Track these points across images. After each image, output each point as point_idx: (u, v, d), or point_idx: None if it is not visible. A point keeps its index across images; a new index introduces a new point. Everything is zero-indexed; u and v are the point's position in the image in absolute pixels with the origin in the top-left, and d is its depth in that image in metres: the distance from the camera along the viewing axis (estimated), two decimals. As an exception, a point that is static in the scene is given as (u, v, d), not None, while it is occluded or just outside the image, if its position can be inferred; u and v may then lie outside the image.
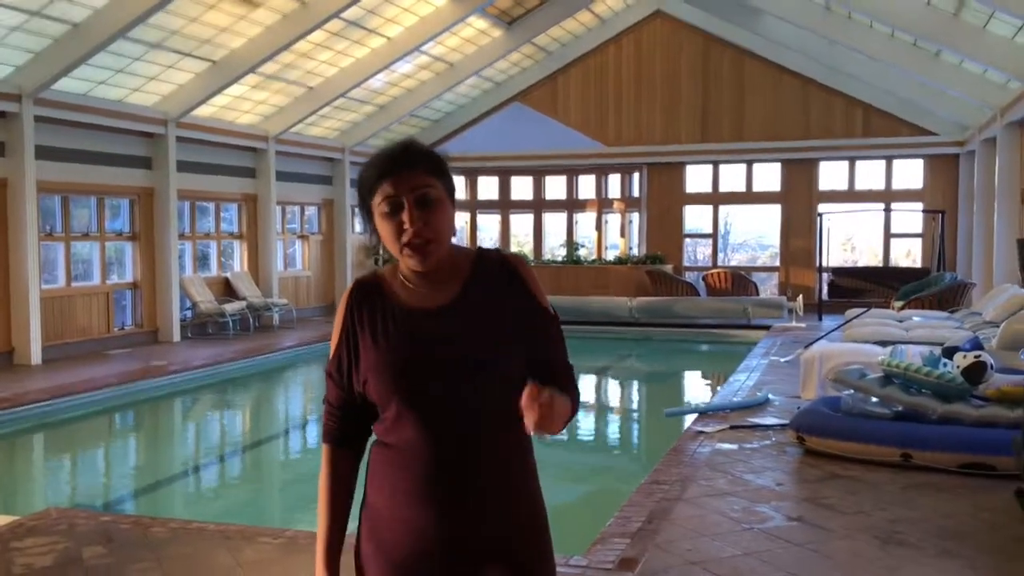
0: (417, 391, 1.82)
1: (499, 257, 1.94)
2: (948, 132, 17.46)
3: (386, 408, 1.86)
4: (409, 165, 1.84)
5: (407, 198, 1.81)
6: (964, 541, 4.62)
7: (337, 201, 18.48)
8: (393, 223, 1.83)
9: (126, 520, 5.30)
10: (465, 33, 16.64)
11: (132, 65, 12.43)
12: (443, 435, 1.82)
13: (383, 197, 1.83)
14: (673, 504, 5.27)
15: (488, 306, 1.87)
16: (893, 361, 6.39)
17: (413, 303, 1.88)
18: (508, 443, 1.87)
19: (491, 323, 1.86)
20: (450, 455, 1.82)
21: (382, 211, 1.84)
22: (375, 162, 1.87)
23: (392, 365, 1.84)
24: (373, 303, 1.90)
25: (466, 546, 1.83)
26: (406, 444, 1.83)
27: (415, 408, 1.82)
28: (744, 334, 15.02)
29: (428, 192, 1.83)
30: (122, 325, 13.51)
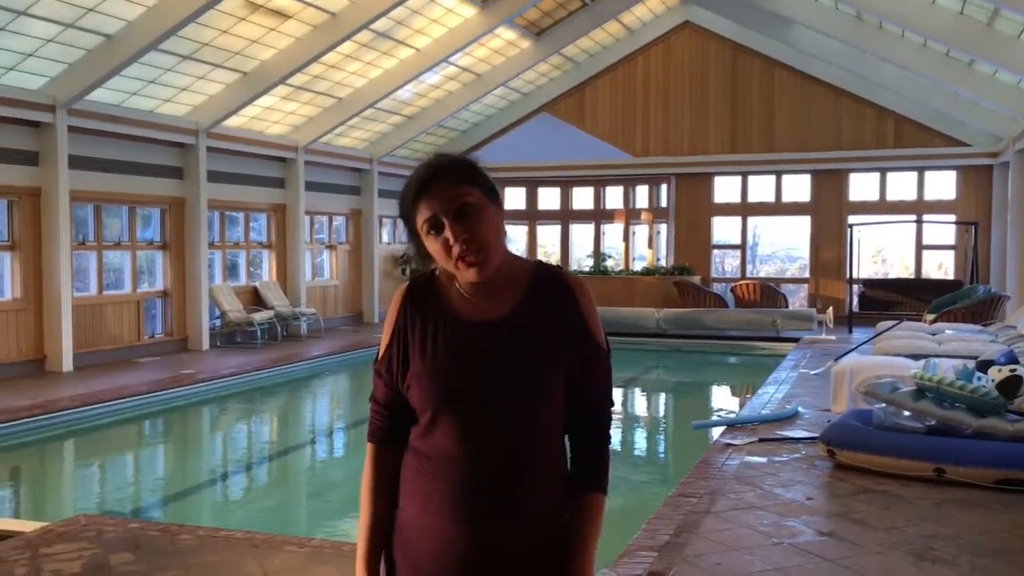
0: (460, 403, 1.81)
1: (559, 276, 1.91)
2: (981, 143, 17.24)
3: (427, 416, 1.84)
4: (439, 180, 1.81)
5: (445, 214, 1.79)
6: (999, 558, 4.52)
7: (365, 211, 18.56)
8: (439, 241, 1.80)
9: (154, 527, 5.32)
10: (493, 44, 16.69)
11: (164, 76, 12.58)
12: (482, 449, 1.80)
13: (423, 219, 1.81)
14: (701, 517, 5.22)
15: (541, 324, 1.85)
16: (926, 375, 6.30)
17: (467, 313, 1.86)
18: (545, 461, 1.86)
19: (542, 342, 1.84)
20: (487, 469, 1.80)
21: (425, 232, 1.82)
22: (409, 184, 1.85)
23: (438, 375, 1.82)
24: (426, 306, 1.88)
25: (497, 561, 1.81)
26: (443, 454, 1.81)
27: (456, 419, 1.81)
28: (773, 346, 14.89)
29: (465, 201, 1.79)
30: (152, 333, 13.63)
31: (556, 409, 1.87)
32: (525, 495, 1.82)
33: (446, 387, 1.81)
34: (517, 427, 1.82)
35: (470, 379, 1.81)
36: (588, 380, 1.89)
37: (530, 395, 1.82)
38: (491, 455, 1.80)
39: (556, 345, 1.85)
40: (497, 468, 1.80)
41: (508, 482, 1.80)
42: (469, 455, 1.80)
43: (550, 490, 1.87)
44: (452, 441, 1.80)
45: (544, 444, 1.85)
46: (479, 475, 1.80)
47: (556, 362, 1.85)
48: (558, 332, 1.86)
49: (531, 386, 1.82)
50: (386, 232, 19.78)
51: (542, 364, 1.83)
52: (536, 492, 1.84)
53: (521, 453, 1.82)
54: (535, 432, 1.83)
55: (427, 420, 1.84)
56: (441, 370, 1.82)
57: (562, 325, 1.87)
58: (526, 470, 1.82)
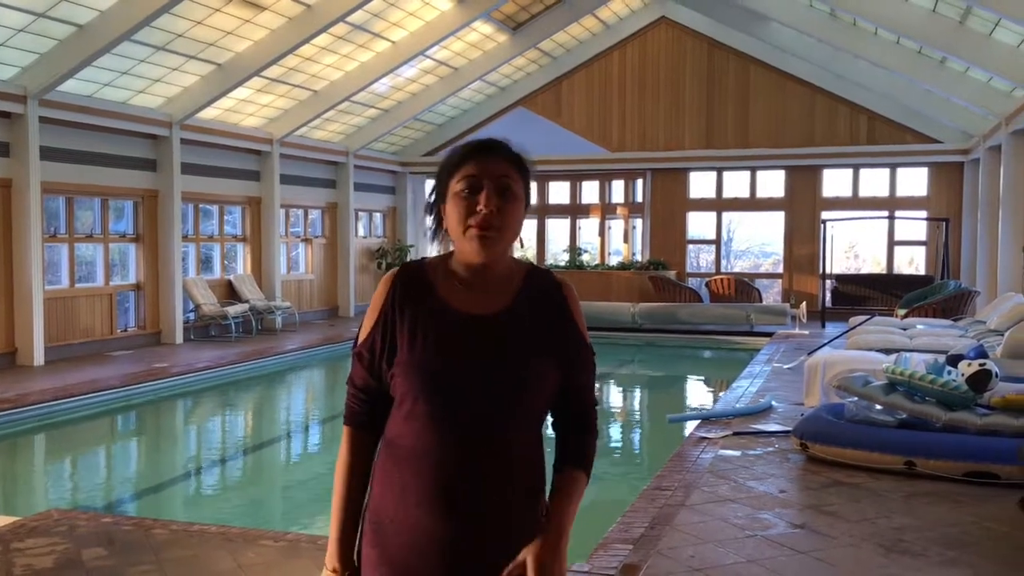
0: (446, 396, 1.81)
1: (552, 279, 1.95)
2: (953, 140, 17.44)
3: (408, 405, 1.84)
4: (498, 153, 1.85)
5: (488, 182, 1.81)
6: (968, 550, 4.59)
7: (341, 204, 18.48)
8: (467, 203, 1.81)
9: (127, 522, 5.29)
10: (470, 38, 16.66)
11: (137, 67, 12.45)
12: (465, 442, 1.81)
13: (463, 176, 1.82)
14: (676, 510, 5.26)
15: (532, 323, 1.87)
16: (897, 368, 6.37)
17: (459, 306, 1.86)
18: (526, 457, 1.87)
19: (533, 342, 1.86)
20: (468, 462, 1.81)
21: (458, 190, 1.82)
22: (462, 146, 1.88)
23: (424, 366, 1.82)
24: (417, 295, 1.88)
25: (474, 554, 1.81)
26: (424, 446, 1.81)
27: (439, 411, 1.81)
28: (747, 340, 15.01)
29: (508, 183, 1.83)
30: (125, 327, 13.52)
31: (540, 407, 1.89)
32: (505, 490, 1.83)
33: (432, 378, 1.81)
34: (501, 423, 1.82)
35: (456, 372, 1.81)
36: (577, 377, 1.93)
37: (516, 392, 1.83)
38: (472, 449, 1.80)
39: (545, 344, 1.87)
40: (478, 462, 1.81)
41: (488, 477, 1.81)
42: (450, 447, 1.80)
43: (531, 487, 1.88)
44: (434, 433, 1.81)
45: (527, 442, 1.87)
46: (459, 468, 1.80)
47: (544, 361, 1.86)
48: (548, 331, 1.88)
49: (517, 383, 1.83)
50: (362, 226, 19.71)
51: (530, 362, 1.85)
52: (516, 488, 1.85)
53: (503, 448, 1.83)
54: (518, 429, 1.85)
55: (408, 410, 1.83)
56: (428, 361, 1.82)
57: (552, 325, 1.89)
58: (508, 466, 1.83)
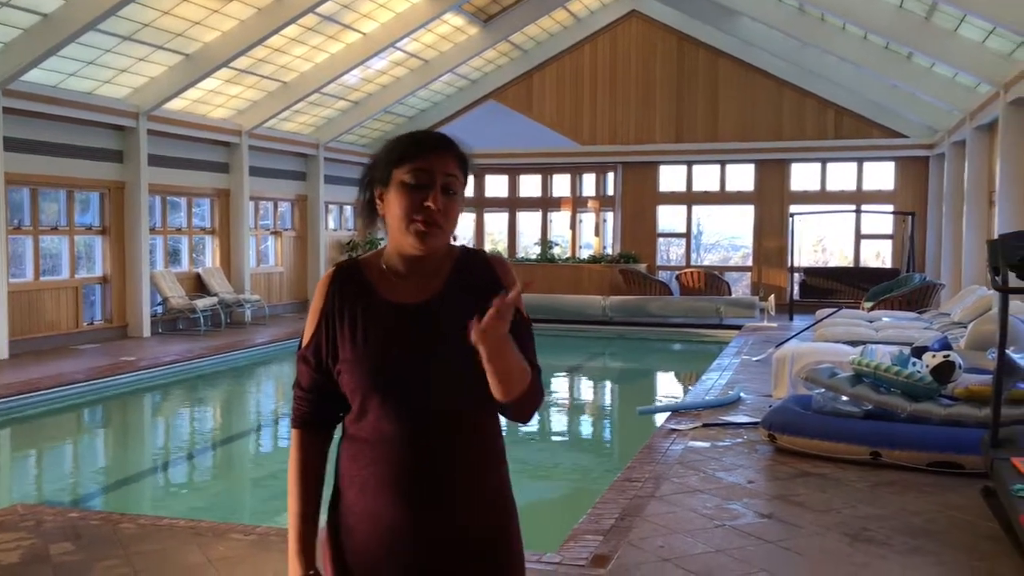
0: (393, 387, 1.81)
1: (482, 257, 1.96)
2: (918, 135, 17.67)
3: (359, 401, 1.85)
4: (448, 150, 1.85)
5: (439, 179, 1.82)
6: (932, 538, 4.67)
7: (311, 197, 18.37)
8: (415, 196, 1.81)
9: (95, 516, 5.24)
10: (441, 30, 16.60)
11: (103, 57, 12.29)
12: (417, 431, 1.81)
13: (414, 169, 1.82)
14: (646, 501, 5.30)
15: (467, 305, 1.84)
16: (863, 360, 6.46)
17: (394, 297, 1.87)
18: (481, 442, 1.88)
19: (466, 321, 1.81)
20: (423, 451, 1.81)
21: (405, 181, 1.82)
22: (415, 136, 1.87)
23: (368, 360, 1.83)
24: (354, 292, 1.89)
25: (436, 542, 1.82)
26: (379, 438, 1.82)
27: (390, 403, 1.81)
28: (716, 333, 15.12)
29: (455, 183, 1.85)
30: (91, 320, 13.36)
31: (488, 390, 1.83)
32: (461, 477, 1.83)
33: (376, 372, 1.82)
34: (448, 409, 1.83)
35: (400, 363, 1.82)
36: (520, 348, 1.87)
37: (459, 377, 1.82)
38: (425, 438, 1.81)
39: None
40: (432, 451, 1.81)
41: (443, 464, 1.82)
42: (403, 438, 1.81)
43: (487, 474, 1.89)
44: (385, 425, 1.82)
45: (479, 426, 1.87)
46: (414, 458, 1.81)
47: None
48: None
49: (459, 366, 1.81)
50: (332, 218, 19.61)
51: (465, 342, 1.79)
52: (470, 475, 1.85)
53: (455, 435, 1.83)
54: (469, 411, 1.85)
55: (359, 406, 1.84)
56: (371, 355, 1.83)
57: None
58: (461, 452, 1.84)
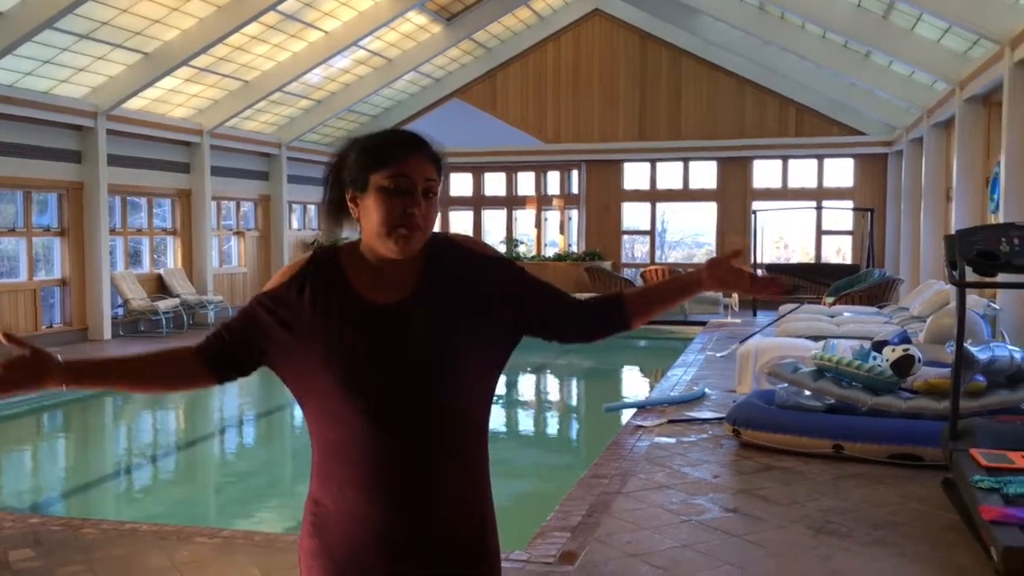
0: (368, 387, 1.77)
1: (452, 242, 1.90)
2: (877, 132, 17.92)
3: (334, 401, 1.80)
4: (426, 153, 1.82)
5: (420, 184, 1.79)
6: (893, 530, 4.75)
7: (274, 197, 18.22)
8: (396, 202, 1.76)
9: (56, 522, 5.16)
10: (404, 28, 16.54)
11: (61, 56, 12.09)
12: (395, 430, 1.78)
13: (394, 174, 1.77)
14: (613, 498, 5.32)
15: (447, 297, 1.83)
16: (825, 355, 6.54)
17: (371, 295, 1.81)
18: (463, 442, 1.84)
19: (451, 318, 1.82)
20: (402, 450, 1.78)
21: (385, 186, 1.77)
22: (391, 137, 1.82)
23: (344, 358, 1.78)
24: (330, 284, 1.83)
25: (413, 543, 1.80)
26: (356, 438, 1.79)
27: (364, 404, 1.77)
28: (681, 330, 15.23)
29: (434, 186, 1.81)
30: (50, 323, 13.15)
31: (472, 386, 1.84)
32: (439, 478, 1.80)
33: (355, 371, 1.77)
34: (426, 409, 1.79)
35: (376, 362, 1.77)
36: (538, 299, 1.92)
37: (443, 374, 1.80)
38: (401, 439, 1.78)
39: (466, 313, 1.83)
40: (408, 451, 1.78)
41: (420, 465, 1.79)
42: (380, 439, 1.77)
43: (466, 473, 1.86)
44: (365, 424, 1.77)
45: (457, 427, 1.83)
46: (395, 456, 1.78)
47: (467, 334, 1.82)
48: (465, 295, 1.84)
49: (444, 365, 1.79)
50: (296, 218, 19.46)
51: (454, 341, 1.81)
52: (450, 474, 1.82)
53: (432, 435, 1.80)
54: (452, 412, 1.81)
55: (333, 404, 1.79)
56: (348, 354, 1.77)
57: (466, 286, 1.84)
58: (438, 453, 1.80)
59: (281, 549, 4.49)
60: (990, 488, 4.51)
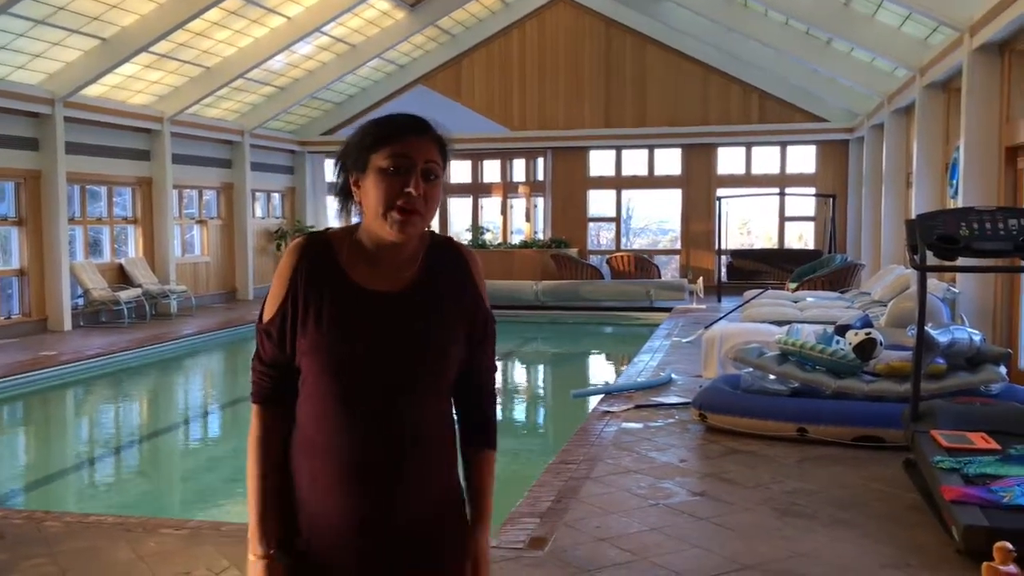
0: (352, 376, 1.77)
1: (454, 248, 1.91)
2: (838, 119, 18.10)
3: (312, 387, 1.80)
4: (427, 134, 1.80)
5: (419, 164, 1.77)
6: (857, 510, 4.82)
7: (237, 185, 18.01)
8: (394, 183, 1.75)
9: (17, 515, 5.09)
10: (367, 14, 16.40)
11: (16, 41, 11.83)
12: (373, 421, 1.78)
13: (392, 154, 1.76)
14: (581, 483, 5.35)
15: (437, 297, 1.84)
16: (789, 340, 6.61)
17: (364, 282, 1.81)
18: (435, 433, 1.86)
19: (439, 317, 1.84)
20: (378, 441, 1.78)
21: (384, 166, 1.75)
22: (393, 119, 1.81)
23: (331, 347, 1.78)
24: (323, 270, 1.81)
25: (384, 532, 1.81)
26: (332, 428, 1.78)
27: (346, 393, 1.77)
28: (647, 316, 15.32)
29: (434, 167, 1.79)
30: (8, 314, 12.92)
31: (448, 383, 1.88)
32: (416, 468, 1.81)
33: (337, 358, 1.78)
34: (409, 400, 1.80)
35: (362, 351, 1.78)
36: (479, 348, 1.92)
37: (424, 368, 1.81)
38: (381, 428, 1.78)
39: (451, 317, 1.86)
40: (388, 441, 1.79)
41: (398, 456, 1.79)
42: (360, 427, 1.78)
43: (442, 464, 1.88)
44: (345, 413, 1.78)
45: (436, 418, 1.85)
46: (369, 447, 1.78)
47: (451, 335, 1.85)
48: (453, 304, 1.86)
49: (425, 359, 1.81)
50: (260, 206, 19.27)
51: (437, 337, 1.83)
52: (427, 465, 1.84)
53: (413, 426, 1.81)
54: (427, 405, 1.83)
55: (313, 391, 1.80)
56: (333, 340, 1.78)
57: (456, 297, 1.87)
58: (417, 444, 1.81)
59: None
60: (950, 468, 4.59)
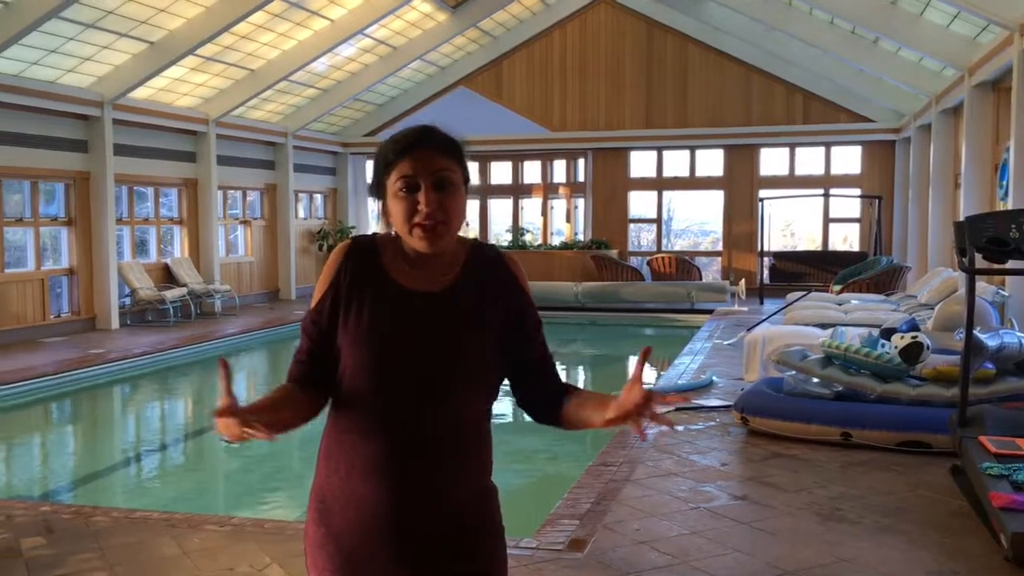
0: (390, 373, 1.81)
1: (496, 254, 1.96)
2: (885, 119, 17.84)
3: (351, 381, 1.84)
4: (430, 146, 1.84)
5: (424, 179, 1.80)
6: (902, 516, 4.75)
7: (280, 186, 18.22)
8: (407, 202, 1.81)
9: (66, 510, 5.19)
10: (409, 16, 16.50)
11: (66, 45, 12.09)
12: (411, 417, 1.82)
13: (400, 175, 1.81)
14: (621, 485, 5.33)
15: (483, 299, 1.89)
16: (833, 342, 6.53)
17: (408, 283, 1.86)
18: (471, 431, 1.89)
19: (480, 316, 1.87)
20: (415, 437, 1.82)
21: (395, 190, 1.82)
22: (394, 140, 1.85)
23: (375, 344, 1.82)
24: (368, 271, 1.87)
25: (418, 528, 1.83)
26: (370, 422, 1.83)
27: (388, 387, 1.81)
28: (688, 318, 15.22)
29: (445, 175, 1.83)
30: (58, 312, 13.19)
31: (485, 383, 1.90)
32: (448, 465, 1.84)
33: (377, 355, 1.82)
34: (446, 398, 1.83)
35: (401, 349, 1.82)
36: (539, 350, 1.97)
37: (459, 366, 1.84)
38: (418, 424, 1.81)
39: (495, 320, 1.89)
40: (423, 437, 1.82)
41: (433, 451, 1.82)
42: (398, 422, 1.81)
43: (474, 461, 1.91)
44: (383, 408, 1.82)
45: (469, 416, 1.88)
46: (405, 443, 1.81)
47: (491, 336, 1.88)
48: (498, 307, 1.90)
49: (461, 358, 1.84)
50: (302, 207, 19.47)
51: (474, 337, 1.86)
52: (460, 462, 1.87)
53: (448, 422, 1.84)
54: (463, 404, 1.86)
55: (352, 386, 1.84)
56: (373, 337, 1.82)
57: (498, 299, 1.91)
58: (449, 440, 1.84)
59: (291, 536, 4.51)
60: (999, 475, 4.51)
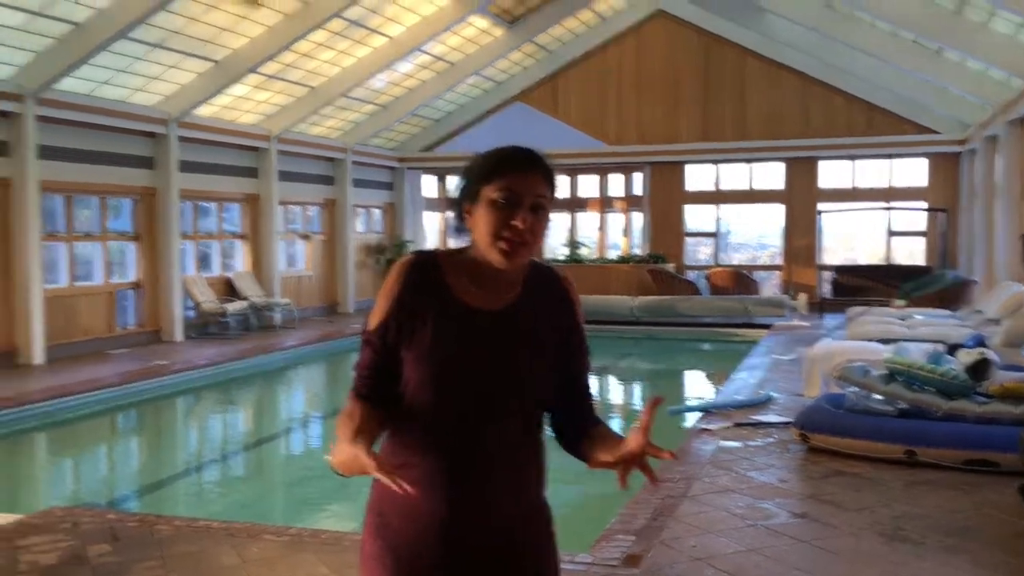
0: (451, 387, 1.85)
1: (554, 275, 2.00)
2: (950, 130, 17.45)
3: (413, 396, 1.86)
4: (538, 169, 1.88)
5: (527, 199, 1.84)
6: (968, 537, 4.62)
7: (339, 201, 18.48)
8: (502, 215, 1.83)
9: (131, 519, 5.30)
10: (466, 32, 16.65)
11: (134, 65, 12.44)
12: (473, 434, 1.85)
13: (503, 187, 1.84)
14: (678, 501, 5.28)
15: (539, 318, 1.93)
16: (897, 358, 6.40)
17: (472, 301, 1.89)
18: (526, 446, 1.93)
19: (539, 334, 1.92)
20: (471, 450, 1.85)
21: (494, 199, 1.83)
22: (504, 153, 1.89)
23: (440, 361, 1.85)
24: (431, 287, 1.89)
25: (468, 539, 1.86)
26: (431, 437, 1.86)
27: (452, 404, 1.85)
28: (746, 332, 15.01)
29: (543, 201, 1.86)
30: (124, 325, 13.52)
31: (542, 399, 1.94)
32: (504, 478, 1.87)
33: (439, 370, 1.84)
34: (505, 411, 1.87)
35: (463, 364, 1.85)
36: (578, 368, 2.00)
37: (517, 383, 1.88)
38: (477, 439, 1.85)
39: (549, 338, 1.93)
40: (480, 451, 1.85)
41: (488, 464, 1.85)
42: (457, 435, 1.84)
43: (530, 475, 1.94)
44: (443, 422, 1.85)
45: (526, 432, 1.92)
46: (463, 456, 1.84)
47: (545, 353, 1.92)
48: (551, 326, 1.94)
49: (520, 375, 1.88)
50: (360, 222, 19.71)
51: (533, 355, 1.90)
52: (515, 476, 1.90)
53: (506, 437, 1.87)
54: (519, 419, 1.89)
55: (414, 399, 1.86)
56: (439, 355, 1.85)
57: (554, 318, 1.95)
58: (508, 453, 1.88)
59: (348, 547, 4.55)
60: (1071, 496, 4.36)
